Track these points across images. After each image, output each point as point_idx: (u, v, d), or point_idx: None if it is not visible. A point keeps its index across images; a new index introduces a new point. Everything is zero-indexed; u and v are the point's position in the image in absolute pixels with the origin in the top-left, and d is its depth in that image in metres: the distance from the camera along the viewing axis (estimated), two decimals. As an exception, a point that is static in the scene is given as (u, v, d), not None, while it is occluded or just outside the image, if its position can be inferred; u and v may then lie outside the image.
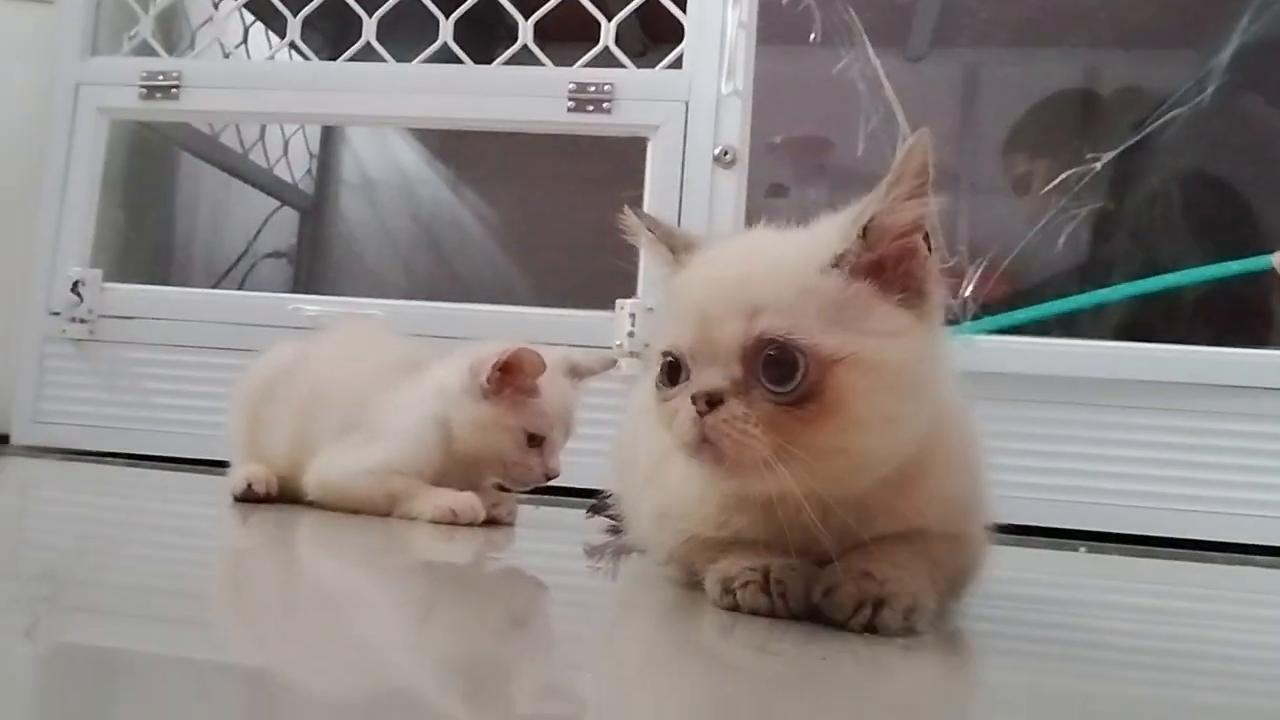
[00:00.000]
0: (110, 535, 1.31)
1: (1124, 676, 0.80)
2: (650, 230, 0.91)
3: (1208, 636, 1.11)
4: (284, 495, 1.56)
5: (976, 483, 0.91)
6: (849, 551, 0.83)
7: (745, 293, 0.78)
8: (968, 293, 2.20)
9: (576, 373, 1.52)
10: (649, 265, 2.05)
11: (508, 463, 1.48)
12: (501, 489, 1.55)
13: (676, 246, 0.89)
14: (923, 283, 0.79)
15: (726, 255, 0.85)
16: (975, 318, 2.09)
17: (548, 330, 1.91)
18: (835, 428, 0.76)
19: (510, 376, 1.45)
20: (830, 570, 0.82)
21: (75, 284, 2.27)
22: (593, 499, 1.53)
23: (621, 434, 1.23)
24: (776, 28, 2.22)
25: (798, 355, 0.75)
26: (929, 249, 0.79)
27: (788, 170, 2.90)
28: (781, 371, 0.76)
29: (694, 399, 0.77)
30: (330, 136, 3.37)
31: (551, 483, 1.49)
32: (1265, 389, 1.91)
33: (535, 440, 1.47)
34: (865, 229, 0.79)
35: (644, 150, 2.15)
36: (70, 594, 0.85)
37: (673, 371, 0.82)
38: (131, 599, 0.84)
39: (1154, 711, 0.71)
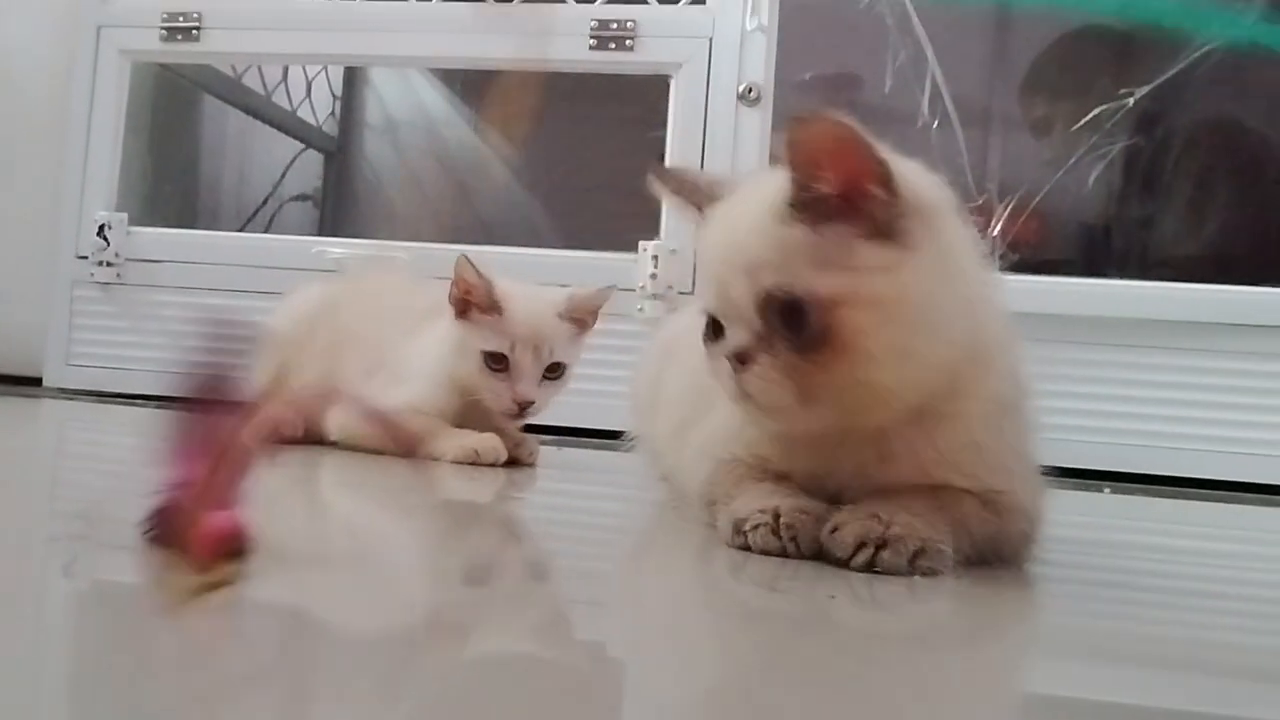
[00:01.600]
0: (141, 475, 1.33)
1: (1146, 615, 0.81)
2: (675, 193, 0.95)
3: (1225, 576, 1.11)
4: (309, 436, 1.57)
5: (1019, 437, 0.90)
6: (868, 498, 0.84)
7: (743, 254, 0.82)
8: (995, 231, 2.17)
9: (572, 311, 1.49)
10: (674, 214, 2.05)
11: (480, 391, 1.46)
12: (526, 430, 1.56)
13: (702, 202, 0.92)
14: (893, 219, 0.79)
15: (727, 214, 0.88)
16: (1004, 257, 2.07)
17: (571, 273, 1.90)
18: (849, 365, 0.79)
19: (468, 295, 1.46)
20: (841, 511, 0.83)
21: (101, 228, 2.28)
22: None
23: (640, 376, 1.23)
24: (802, -39, 2.17)
25: (802, 303, 0.79)
26: (888, 191, 0.79)
27: (816, 107, 2.86)
28: (793, 320, 0.80)
29: (728, 357, 0.83)
30: (353, 78, 3.34)
31: (572, 424, 1.49)
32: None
33: (499, 363, 1.46)
34: (792, 201, 0.81)
35: (667, 89, 2.13)
36: (105, 532, 0.87)
37: (714, 329, 0.87)
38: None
39: (1172, 649, 0.71)
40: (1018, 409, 0.90)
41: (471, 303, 1.46)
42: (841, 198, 0.79)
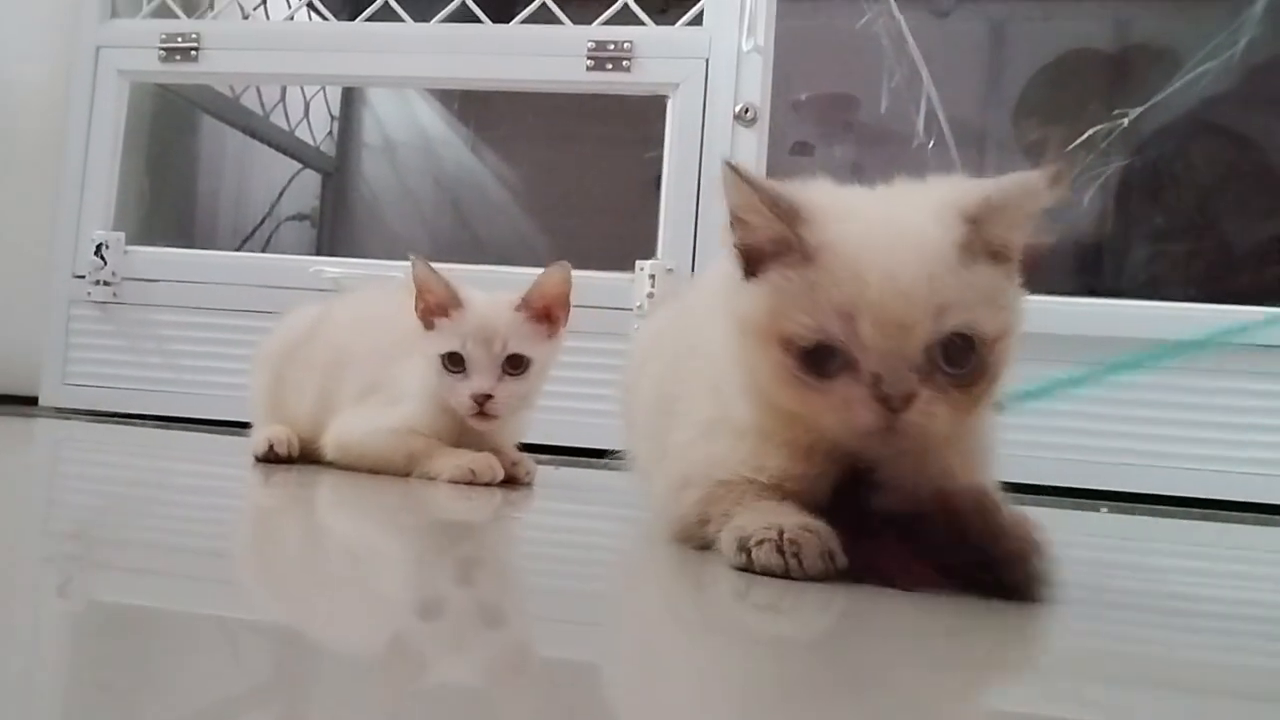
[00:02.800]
0: (137, 495, 1.32)
1: (1139, 634, 0.81)
2: (763, 203, 0.84)
3: (1221, 595, 1.11)
4: (305, 456, 1.57)
5: (989, 451, 0.95)
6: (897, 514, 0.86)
7: (934, 294, 0.79)
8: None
9: (529, 301, 1.48)
10: (671, 220, 2.05)
11: (446, 396, 1.46)
12: (522, 450, 1.56)
13: (792, 218, 0.83)
14: (1014, 257, 0.86)
15: (885, 243, 0.81)
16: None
17: (571, 294, 1.91)
18: (990, 394, 0.85)
19: (426, 296, 1.47)
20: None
21: (99, 247, 2.29)
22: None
23: (623, 389, 1.22)
24: (798, -18, 2.19)
25: (977, 343, 0.82)
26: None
27: (812, 128, 2.87)
28: (960, 356, 0.81)
29: (889, 398, 0.79)
30: (351, 98, 3.36)
31: (568, 443, 1.48)
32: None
33: (456, 363, 1.45)
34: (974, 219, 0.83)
35: (664, 109, 2.14)
36: (100, 552, 0.87)
37: (820, 359, 0.81)
38: (159, 557, 0.86)
39: (1157, 668, 0.71)
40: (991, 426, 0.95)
41: (433, 308, 1.47)
42: (1014, 244, 0.85)
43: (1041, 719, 0.58)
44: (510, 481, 1.49)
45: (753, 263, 0.86)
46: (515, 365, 1.46)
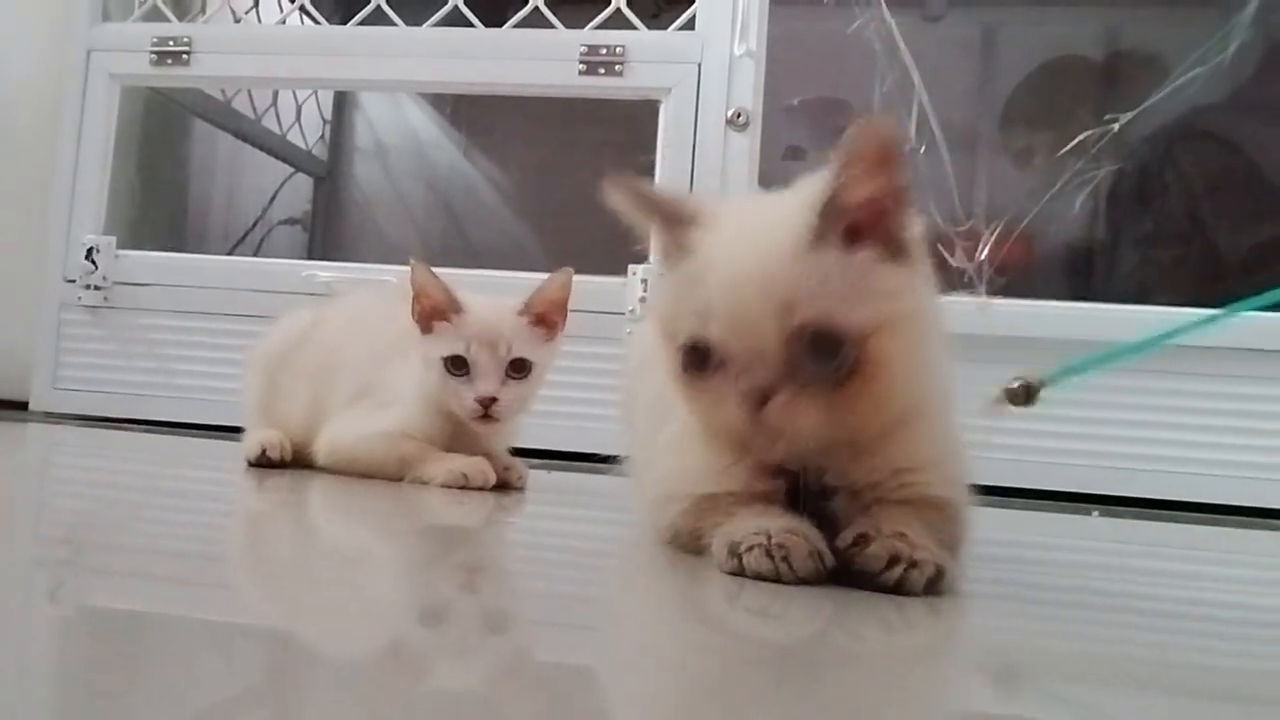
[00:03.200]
0: (129, 500, 1.32)
1: (1128, 636, 0.81)
2: (638, 206, 0.89)
3: (1207, 598, 1.11)
4: (298, 460, 1.57)
5: (960, 450, 0.94)
6: (861, 512, 0.86)
7: (776, 286, 0.79)
8: (983, 256, 2.18)
9: (531, 306, 1.48)
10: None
11: (448, 400, 1.46)
12: (514, 454, 1.56)
13: (672, 220, 0.87)
14: (899, 238, 0.82)
15: (739, 241, 0.84)
16: (991, 282, 2.08)
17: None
18: (877, 392, 0.81)
19: (424, 299, 1.46)
20: (858, 522, 0.84)
21: (89, 251, 2.28)
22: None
23: (622, 395, 1.23)
24: (790, -13, 2.19)
25: (838, 336, 0.79)
26: (900, 217, 0.82)
27: (805, 133, 2.88)
28: (825, 352, 0.79)
29: (744, 397, 0.80)
30: (343, 102, 3.36)
31: (561, 447, 1.48)
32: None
33: (459, 366, 1.45)
34: (826, 208, 0.80)
35: (656, 113, 2.14)
36: (91, 557, 0.87)
37: (699, 358, 0.84)
38: (151, 562, 0.85)
39: (1155, 671, 0.71)
40: (955, 424, 0.94)
41: (430, 312, 1.47)
42: (871, 213, 0.80)
43: (1011, 717, 0.59)
44: (502, 486, 1.49)
45: (667, 260, 0.89)
46: (518, 369, 1.46)
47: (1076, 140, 2.21)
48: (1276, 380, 1.90)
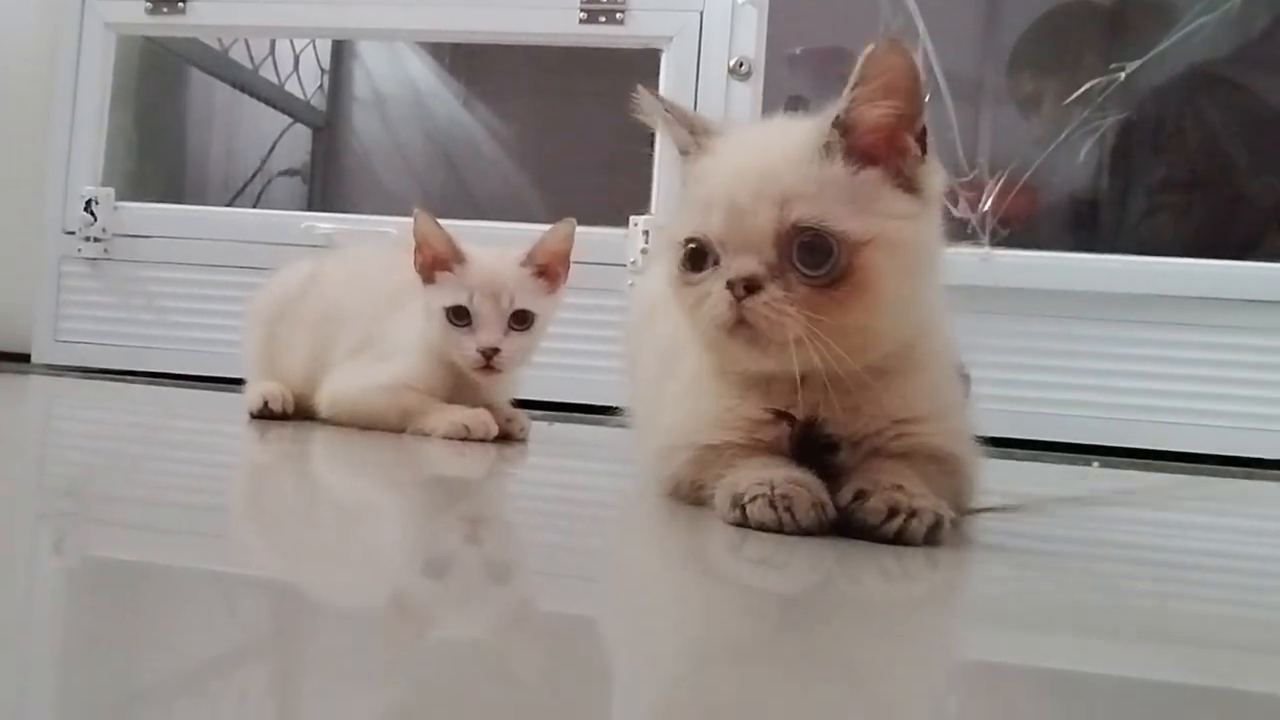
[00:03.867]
0: (131, 452, 1.33)
1: (1128, 587, 0.81)
2: (668, 112, 0.93)
3: (1207, 548, 1.12)
4: (299, 412, 1.57)
5: (961, 402, 0.95)
6: (859, 466, 0.86)
7: (775, 183, 0.82)
8: (987, 207, 2.17)
9: (534, 257, 1.48)
10: (665, 152, 2.03)
11: (449, 350, 1.46)
12: (516, 405, 1.56)
13: (695, 129, 0.91)
14: (915, 176, 0.84)
15: (749, 145, 0.88)
16: (994, 233, 2.07)
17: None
18: (863, 306, 0.81)
19: (428, 249, 1.46)
20: (857, 477, 0.85)
21: (88, 203, 2.27)
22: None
23: (625, 345, 1.22)
24: (793, -66, 2.16)
25: (830, 240, 0.80)
26: (923, 148, 0.84)
27: (807, 82, 2.85)
28: (816, 256, 0.81)
29: (731, 284, 0.81)
30: (341, 51, 3.32)
31: (563, 399, 1.47)
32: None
33: (462, 317, 1.45)
34: (837, 123, 0.83)
35: (658, 63, 2.11)
36: (95, 509, 0.87)
37: (697, 257, 0.86)
38: (154, 514, 0.86)
39: (1154, 620, 0.71)
40: (956, 376, 0.95)
41: (433, 262, 1.46)
42: (882, 138, 0.82)
43: (1011, 667, 0.59)
44: (504, 437, 1.50)
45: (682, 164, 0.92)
46: (521, 320, 1.46)
47: (1083, 89, 2.19)
48: (1277, 331, 1.89)
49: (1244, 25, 2.23)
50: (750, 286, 0.81)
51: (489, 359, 1.44)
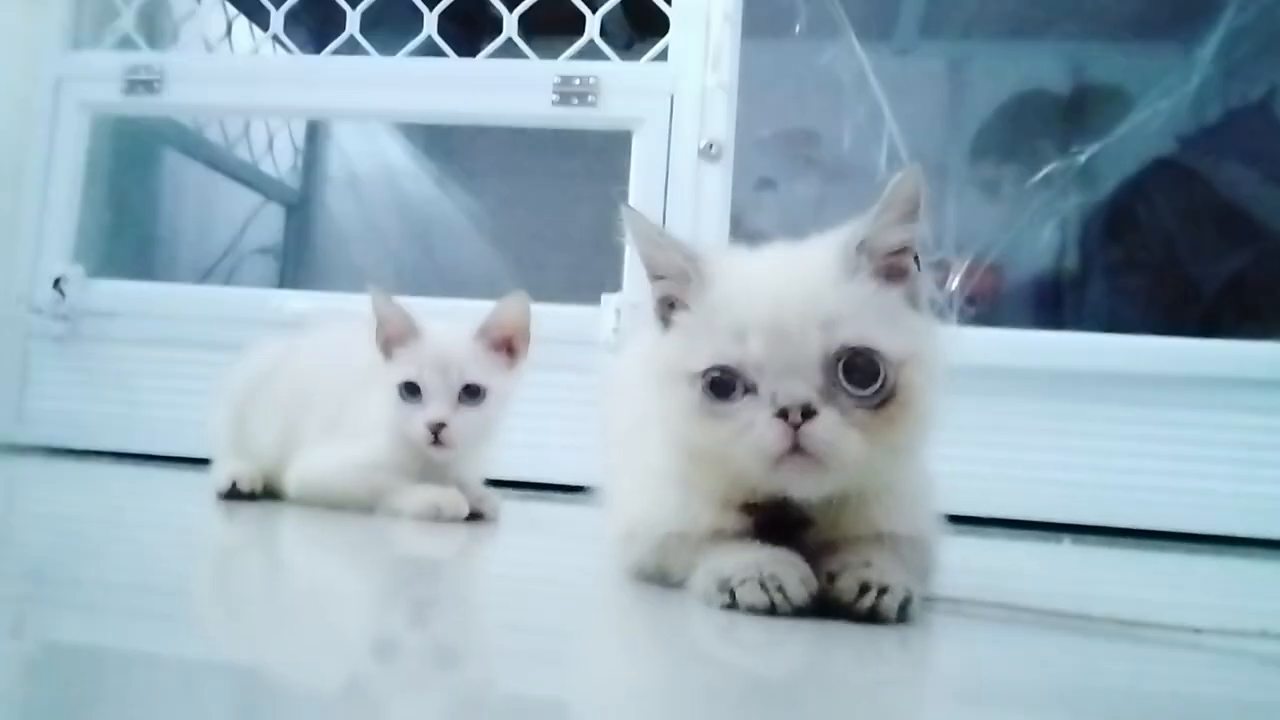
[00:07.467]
0: (96, 533, 1.30)
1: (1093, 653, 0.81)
2: (660, 237, 0.90)
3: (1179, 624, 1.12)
4: (268, 492, 1.56)
5: (929, 482, 0.95)
6: (828, 548, 0.87)
7: (819, 305, 0.81)
8: (953, 287, 2.20)
9: (488, 330, 1.49)
10: (636, 267, 2.05)
11: (404, 428, 1.45)
12: (488, 485, 1.55)
13: (688, 256, 0.88)
14: (917, 289, 0.86)
15: (769, 269, 0.86)
16: (961, 311, 2.10)
17: (533, 326, 1.91)
18: (908, 423, 0.82)
19: (385, 326, 1.47)
20: (827, 560, 0.85)
21: (57, 280, 2.26)
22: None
23: (598, 425, 1.22)
24: (761, 19, 2.22)
25: (877, 361, 0.80)
26: (918, 267, 0.86)
27: (776, 164, 2.90)
28: (864, 376, 0.80)
29: (786, 411, 0.79)
30: (316, 131, 3.35)
31: (534, 478, 1.46)
32: (1249, 380, 1.92)
33: (413, 392, 1.45)
34: (862, 246, 0.84)
35: (629, 144, 2.15)
36: (57, 592, 0.85)
37: (722, 387, 0.82)
38: (118, 596, 0.84)
39: (1124, 699, 0.71)
40: (925, 464, 0.95)
41: (391, 338, 1.46)
42: (898, 261, 0.84)
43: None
44: (475, 517, 1.48)
45: (668, 310, 0.90)
46: (472, 394, 1.45)
47: (1044, 172, 2.25)
48: (1247, 409, 1.92)
49: (1199, 112, 2.30)
50: (807, 412, 0.79)
51: (436, 434, 1.43)
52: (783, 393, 0.79)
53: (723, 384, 0.82)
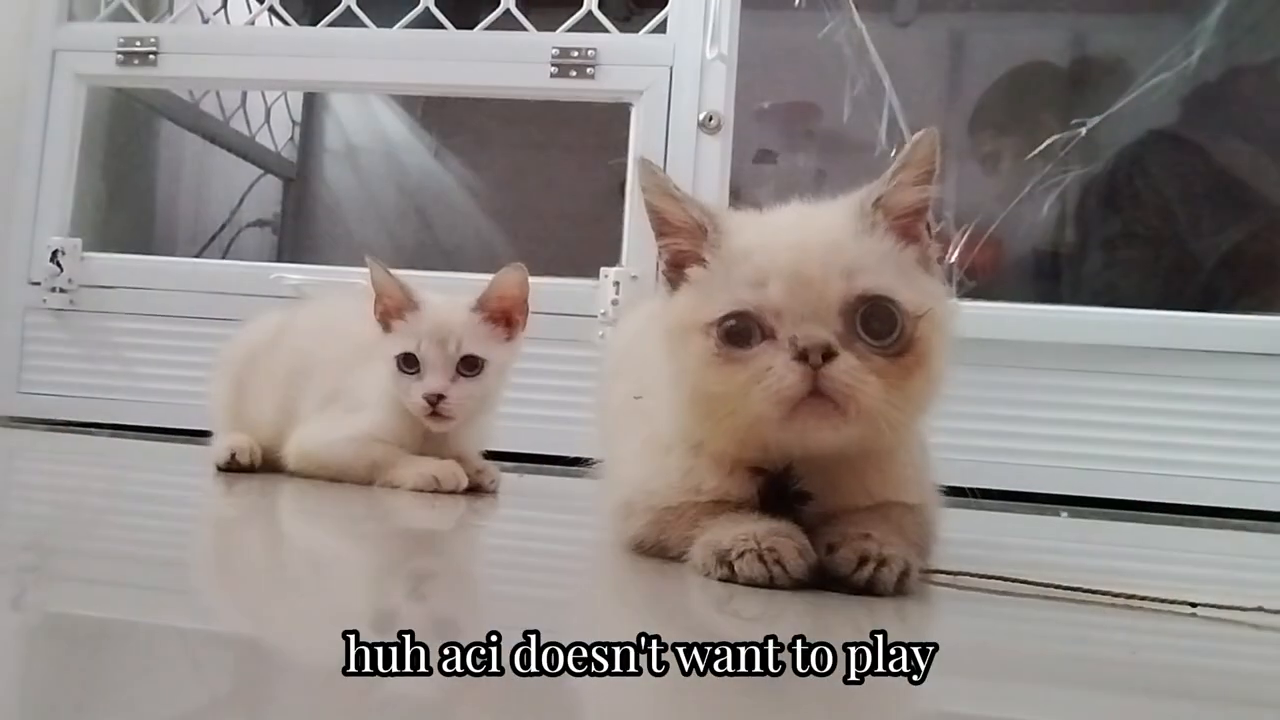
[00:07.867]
0: (95, 505, 1.31)
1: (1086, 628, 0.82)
2: (676, 190, 0.90)
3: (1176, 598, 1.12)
4: (267, 465, 1.56)
5: (928, 459, 0.97)
6: (827, 520, 0.87)
7: (840, 254, 0.82)
8: (952, 259, 2.20)
9: (485, 301, 1.48)
10: (636, 205, 2.05)
11: (403, 400, 1.45)
12: (486, 457, 1.55)
13: (706, 212, 0.89)
14: (927, 252, 0.88)
15: (789, 222, 0.88)
16: (960, 285, 2.10)
17: (532, 298, 1.91)
18: (924, 378, 0.82)
19: (383, 298, 1.47)
20: (826, 531, 0.85)
21: (55, 253, 2.25)
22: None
23: (597, 397, 1.22)
24: (761, -9, 2.20)
25: (895, 310, 0.81)
26: (930, 233, 0.88)
27: (775, 136, 2.89)
28: (881, 326, 0.81)
29: (806, 352, 0.79)
30: (313, 103, 3.34)
31: (533, 450, 1.47)
32: (1247, 354, 1.93)
33: (411, 364, 1.45)
34: (878, 203, 0.85)
35: (628, 116, 2.14)
36: (57, 564, 0.85)
37: (739, 334, 0.82)
38: (117, 568, 0.84)
39: (1124, 670, 0.72)
40: (924, 435, 0.96)
41: (390, 311, 1.46)
42: (911, 222, 0.86)
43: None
44: (474, 489, 1.49)
45: (676, 271, 0.90)
46: (470, 366, 1.45)
47: (1044, 145, 2.24)
48: (1244, 382, 1.92)
49: (1200, 83, 2.29)
50: (827, 354, 0.79)
51: (434, 405, 1.43)
52: (803, 335, 0.79)
53: (740, 331, 0.82)
